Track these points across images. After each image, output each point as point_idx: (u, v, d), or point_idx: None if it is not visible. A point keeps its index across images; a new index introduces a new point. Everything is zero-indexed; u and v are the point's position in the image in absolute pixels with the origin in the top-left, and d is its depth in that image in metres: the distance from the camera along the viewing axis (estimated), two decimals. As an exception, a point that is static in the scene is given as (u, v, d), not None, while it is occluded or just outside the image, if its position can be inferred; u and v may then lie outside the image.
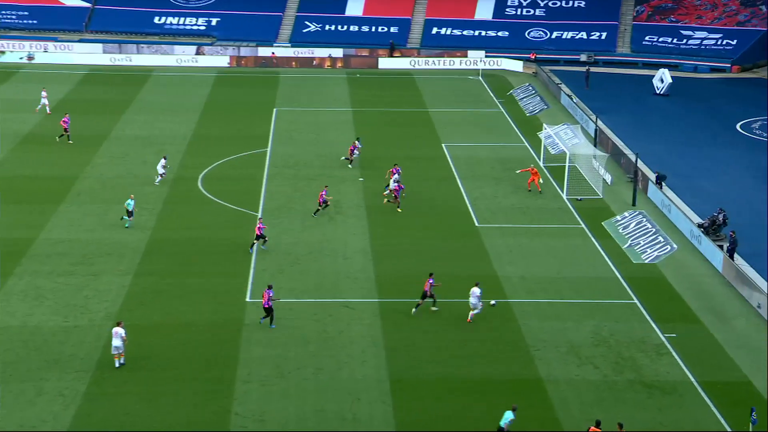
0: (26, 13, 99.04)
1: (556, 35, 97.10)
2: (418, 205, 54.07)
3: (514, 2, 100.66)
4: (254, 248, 47.18)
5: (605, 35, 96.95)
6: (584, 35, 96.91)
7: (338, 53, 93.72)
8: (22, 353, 37.49)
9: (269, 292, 39.60)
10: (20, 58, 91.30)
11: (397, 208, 53.28)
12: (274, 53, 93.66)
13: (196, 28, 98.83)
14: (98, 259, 46.38)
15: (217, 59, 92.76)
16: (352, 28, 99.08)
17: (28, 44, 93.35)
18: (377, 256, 47.36)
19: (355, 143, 61.51)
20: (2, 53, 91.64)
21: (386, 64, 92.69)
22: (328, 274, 45.30)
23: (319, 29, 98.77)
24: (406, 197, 54.08)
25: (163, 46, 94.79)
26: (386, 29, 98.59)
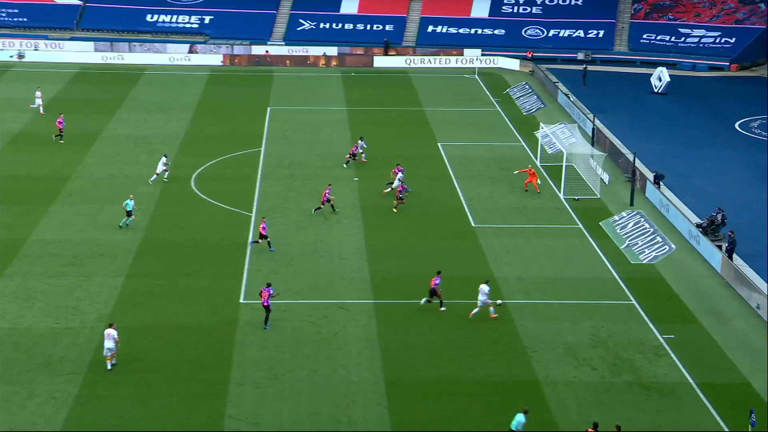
0: (16, 10, 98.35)
1: (553, 33, 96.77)
2: (413, 205, 53.88)
3: (510, 0, 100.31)
4: (251, 246, 47.07)
5: (602, 33, 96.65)
6: (581, 33, 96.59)
7: (333, 51, 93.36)
8: (12, 355, 37.28)
9: (269, 290, 39.56)
10: (10, 56, 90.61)
11: (393, 208, 52.95)
12: (268, 51, 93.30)
13: (188, 26, 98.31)
14: (90, 260, 46.20)
15: (210, 58, 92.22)
16: (347, 26, 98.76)
17: (18, 42, 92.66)
18: (372, 256, 47.26)
19: (358, 143, 61.15)
20: None
21: (381, 62, 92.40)
22: (322, 274, 45.20)
23: (313, 27, 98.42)
24: (409, 196, 53.82)
25: (155, 44, 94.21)
26: (381, 27, 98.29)
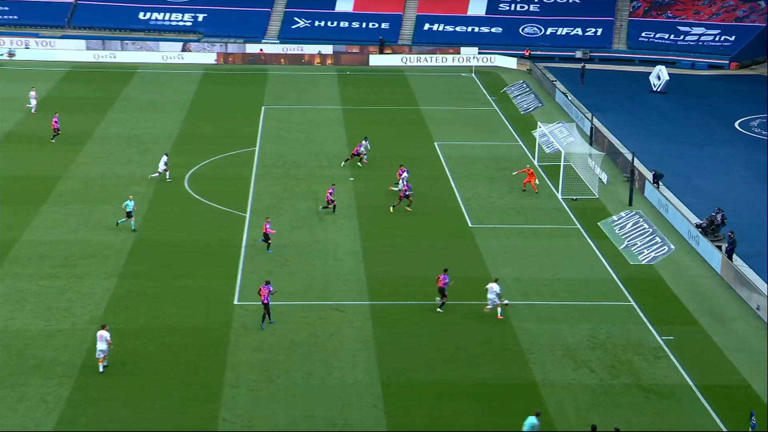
0: (6, 8, 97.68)
1: (550, 31, 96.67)
2: (408, 205, 53.37)
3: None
4: (270, 247, 47.30)
5: (601, 31, 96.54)
6: (579, 31, 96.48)
7: (328, 50, 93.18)
8: (3, 358, 37.04)
9: (268, 287, 39.60)
10: (0, 54, 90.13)
11: (392, 206, 52.84)
12: (262, 50, 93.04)
13: (182, 24, 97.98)
14: (82, 261, 45.99)
15: (203, 56, 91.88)
16: (342, 24, 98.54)
17: (8, 40, 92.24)
18: (368, 257, 47.11)
19: (362, 142, 60.90)
20: None
21: (377, 61, 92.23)
22: (318, 275, 45.05)
23: (308, 25, 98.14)
24: (413, 195, 53.67)
25: (148, 42, 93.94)
26: (377, 25, 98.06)
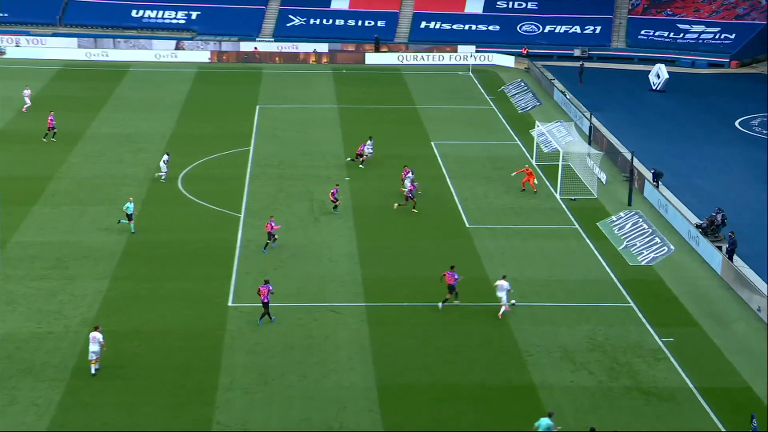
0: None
1: (548, 29, 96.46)
2: (406, 205, 53.25)
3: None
4: (267, 247, 47.09)
5: (599, 29, 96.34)
6: (578, 29, 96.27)
7: (323, 48, 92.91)
8: (-7, 361, 36.91)
9: (267, 286, 39.58)
10: None
11: (396, 203, 52.67)
12: (256, 48, 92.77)
13: (175, 21, 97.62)
14: (73, 262, 45.73)
15: (197, 54, 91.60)
16: (337, 22, 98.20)
17: None
18: (364, 258, 46.93)
19: (367, 142, 60.58)
20: None
21: (373, 59, 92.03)
22: (313, 277, 44.84)
23: (303, 23, 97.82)
24: (420, 195, 53.58)
25: (140, 40, 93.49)
26: (373, 23, 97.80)
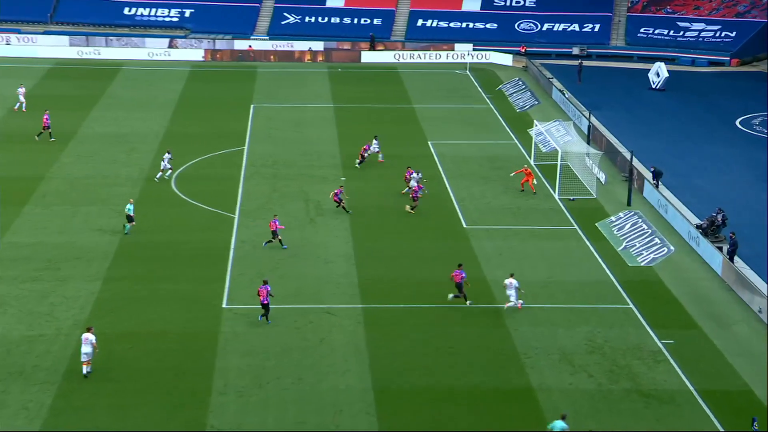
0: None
1: (547, 27, 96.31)
2: (403, 206, 53.29)
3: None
4: (269, 244, 47.20)
5: (598, 27, 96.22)
6: (576, 27, 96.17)
7: (319, 46, 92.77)
8: (-18, 364, 36.71)
9: (266, 287, 39.52)
10: None
11: (410, 209, 52.43)
12: (251, 46, 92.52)
13: (168, 19, 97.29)
14: (65, 263, 45.53)
15: (191, 53, 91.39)
16: (333, 20, 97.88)
17: None
18: (360, 259, 46.76)
19: (372, 142, 60.32)
20: None
21: (369, 57, 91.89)
22: (308, 278, 44.69)
23: (298, 21, 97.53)
24: (426, 193, 53.54)
25: (133, 38, 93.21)
26: (369, 21, 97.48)
